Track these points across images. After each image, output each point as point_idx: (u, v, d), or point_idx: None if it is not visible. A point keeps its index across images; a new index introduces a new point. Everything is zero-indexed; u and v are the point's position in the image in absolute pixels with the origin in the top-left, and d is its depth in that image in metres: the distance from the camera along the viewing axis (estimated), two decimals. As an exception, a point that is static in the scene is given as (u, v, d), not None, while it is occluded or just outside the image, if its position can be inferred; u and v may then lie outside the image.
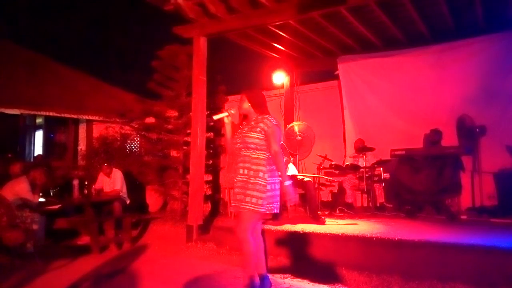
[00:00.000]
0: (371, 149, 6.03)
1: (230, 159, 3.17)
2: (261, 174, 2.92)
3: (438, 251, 3.59)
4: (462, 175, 5.35)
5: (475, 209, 5.51)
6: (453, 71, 6.07)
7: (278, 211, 3.08)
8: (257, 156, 2.98)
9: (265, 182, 2.91)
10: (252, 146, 2.98)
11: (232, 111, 3.16)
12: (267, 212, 2.96)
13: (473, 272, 3.33)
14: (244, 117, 3.17)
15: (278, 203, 3.03)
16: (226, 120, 3.17)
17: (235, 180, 3.05)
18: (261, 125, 2.99)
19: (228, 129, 3.18)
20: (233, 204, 3.09)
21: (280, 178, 3.02)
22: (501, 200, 5.54)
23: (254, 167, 2.96)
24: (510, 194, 5.39)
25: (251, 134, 3.00)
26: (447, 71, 6.11)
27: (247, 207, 2.91)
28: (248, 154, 3.00)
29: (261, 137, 2.97)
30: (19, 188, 5.10)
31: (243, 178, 2.98)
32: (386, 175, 5.96)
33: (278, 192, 3.01)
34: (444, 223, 4.94)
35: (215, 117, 3.22)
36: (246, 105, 3.11)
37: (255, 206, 2.89)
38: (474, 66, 5.89)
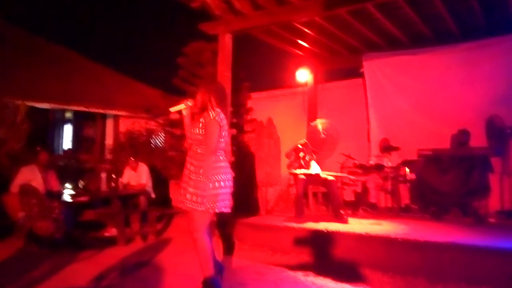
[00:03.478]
0: (396, 148, 5.93)
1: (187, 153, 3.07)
2: (202, 171, 2.84)
3: (465, 254, 3.52)
4: (491, 177, 5.19)
5: (504, 212, 5.34)
6: (483, 70, 5.90)
7: (227, 210, 2.94)
8: (201, 152, 2.90)
9: (206, 180, 2.81)
10: (196, 141, 2.93)
11: (189, 103, 3.07)
12: (210, 211, 2.85)
13: (501, 276, 3.25)
14: (202, 109, 3.02)
15: (227, 201, 2.92)
16: (183, 112, 3.09)
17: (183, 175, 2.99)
18: (202, 119, 2.94)
19: (187, 122, 3.09)
20: (180, 200, 2.99)
21: (231, 176, 2.95)
22: (531, 203, 5.36)
23: (196, 163, 2.89)
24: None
25: (196, 129, 2.95)
26: (477, 69, 5.94)
27: (188, 205, 2.85)
28: (194, 149, 2.95)
29: (202, 132, 2.91)
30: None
31: (187, 174, 2.93)
32: (411, 176, 5.85)
33: (225, 190, 2.90)
34: (471, 226, 4.81)
35: (172, 109, 3.15)
36: (202, 97, 2.99)
37: (196, 205, 2.82)
38: (505, 64, 5.71)
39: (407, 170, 5.86)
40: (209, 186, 2.84)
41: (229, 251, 4.73)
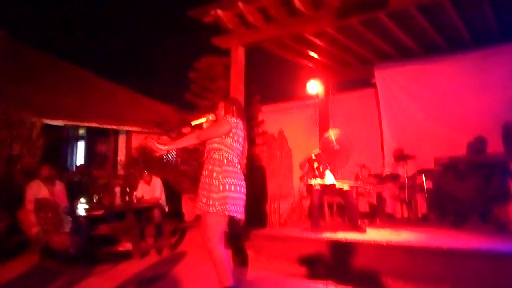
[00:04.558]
0: (411, 157, 5.86)
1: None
2: (214, 175, 2.90)
3: (490, 261, 3.42)
4: (510, 183, 5.10)
5: (526, 219, 5.21)
6: (497, 76, 5.85)
7: (240, 216, 2.94)
8: (214, 157, 2.96)
9: (218, 183, 2.87)
10: (214, 147, 2.98)
11: (211, 117, 3.17)
12: (221, 214, 2.85)
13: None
14: None
15: (239, 207, 2.93)
16: (204, 126, 3.17)
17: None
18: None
19: None
20: (198, 206, 3.02)
21: (244, 182, 3.00)
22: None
23: (210, 167, 2.95)
24: None
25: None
26: (491, 76, 5.90)
27: (202, 208, 2.91)
28: (209, 155, 3.00)
29: (217, 138, 2.98)
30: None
31: (202, 180, 2.99)
32: (428, 184, 5.76)
33: (237, 195, 2.92)
34: (493, 233, 4.69)
35: (193, 123, 3.21)
36: (222, 112, 3.13)
37: (207, 207, 2.87)
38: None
39: (424, 178, 5.79)
40: (220, 188, 2.88)
41: (243, 263, 4.67)
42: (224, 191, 2.88)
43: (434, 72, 6.37)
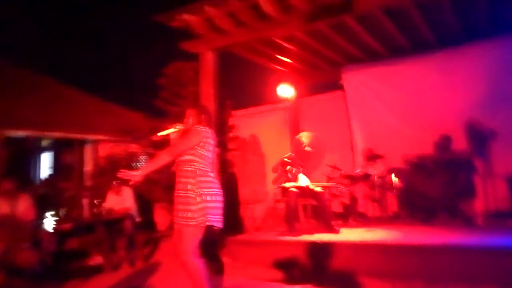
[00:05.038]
0: (381, 157, 5.99)
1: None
2: (189, 187, 2.82)
3: (462, 255, 3.53)
4: (475, 179, 5.30)
5: (490, 212, 5.43)
6: (461, 76, 6.07)
7: (219, 225, 2.90)
8: (186, 169, 2.88)
9: (193, 194, 2.80)
10: (185, 159, 2.90)
11: (178, 127, 3.09)
12: (201, 225, 2.80)
13: (501, 274, 3.26)
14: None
15: (218, 216, 2.89)
16: (171, 136, 3.10)
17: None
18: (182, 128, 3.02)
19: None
20: (174, 221, 2.93)
21: (220, 191, 2.95)
22: (515, 203, 5.47)
23: (183, 179, 2.87)
24: (525, 196, 5.33)
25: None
26: (455, 76, 6.12)
27: (180, 222, 2.83)
28: (181, 168, 2.92)
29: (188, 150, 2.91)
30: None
31: (176, 194, 2.91)
32: (398, 183, 5.90)
33: (215, 204, 2.87)
34: (461, 228, 4.86)
35: (160, 134, 3.13)
36: (191, 121, 3.05)
37: (187, 221, 2.79)
38: (482, 69, 5.89)
39: (394, 177, 5.92)
40: (197, 199, 2.80)
41: (220, 270, 4.59)
42: (202, 202, 2.81)
43: (400, 73, 6.56)
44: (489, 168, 5.72)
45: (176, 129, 3.10)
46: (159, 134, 3.16)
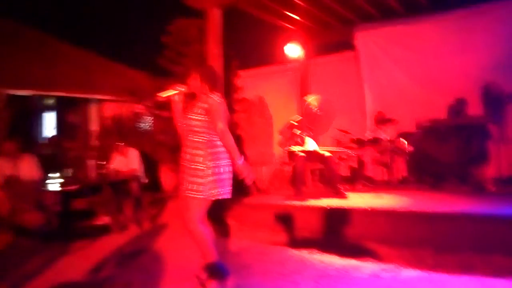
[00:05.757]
0: (392, 121, 5.82)
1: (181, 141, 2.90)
2: (200, 159, 2.71)
3: (472, 223, 3.46)
4: (489, 144, 5.15)
5: (502, 179, 5.32)
6: (479, 37, 5.79)
7: (228, 196, 2.80)
8: (196, 140, 2.75)
9: (203, 167, 2.69)
10: (194, 129, 2.76)
11: (182, 88, 2.91)
12: (212, 198, 2.73)
13: (510, 242, 3.19)
14: (193, 96, 2.89)
15: (227, 188, 2.78)
16: (176, 98, 2.92)
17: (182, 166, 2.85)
18: (202, 104, 2.77)
19: (178, 108, 2.93)
20: (181, 190, 2.85)
21: (230, 161, 2.80)
22: (529, 169, 5.35)
23: (193, 151, 2.75)
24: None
25: (192, 116, 2.79)
26: (472, 37, 5.83)
27: (189, 194, 2.73)
28: (190, 138, 2.78)
29: (201, 118, 2.75)
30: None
31: (185, 164, 2.79)
32: (409, 148, 5.76)
33: (225, 176, 2.76)
34: (472, 194, 4.76)
35: (163, 95, 2.95)
36: (196, 83, 2.85)
37: (195, 193, 2.70)
38: (501, 31, 5.61)
39: (405, 142, 5.78)
40: (209, 172, 2.71)
41: (226, 233, 4.60)
42: (213, 175, 2.72)
43: (416, 34, 6.25)
44: (503, 133, 5.54)
45: (178, 91, 2.93)
46: (160, 95, 2.99)
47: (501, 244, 3.22)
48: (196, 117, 2.78)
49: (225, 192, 2.78)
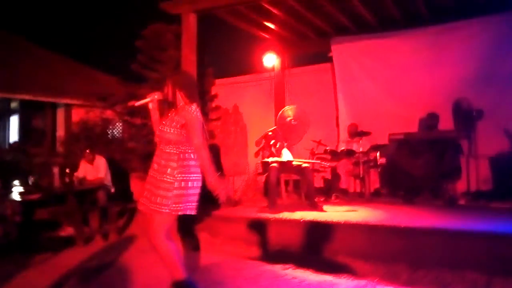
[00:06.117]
0: (366, 134, 5.85)
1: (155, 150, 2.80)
2: (169, 171, 2.58)
3: (446, 238, 3.45)
4: (460, 159, 5.25)
5: (471, 193, 5.42)
6: (451, 53, 5.93)
7: (193, 212, 2.66)
8: (169, 151, 2.63)
9: (172, 180, 2.56)
10: (168, 140, 2.65)
11: (156, 96, 2.80)
12: (173, 213, 2.58)
13: (485, 259, 3.20)
14: (170, 104, 2.75)
15: (193, 203, 2.65)
16: (150, 106, 2.81)
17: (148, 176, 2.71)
18: (177, 118, 2.64)
19: (154, 117, 2.81)
20: (142, 202, 2.69)
21: (200, 176, 2.68)
22: (496, 184, 5.47)
23: (163, 162, 2.62)
24: (506, 178, 5.32)
25: (166, 128, 2.66)
26: (445, 53, 5.96)
27: (152, 207, 2.58)
28: (162, 148, 2.66)
29: (176, 132, 2.62)
30: None
31: (152, 174, 2.66)
32: (382, 160, 5.81)
33: (192, 191, 2.62)
34: (443, 209, 4.83)
35: (137, 104, 2.84)
36: (170, 91, 2.73)
37: (159, 207, 2.55)
38: (473, 48, 5.75)
39: (378, 154, 5.82)
40: (174, 185, 2.56)
41: (196, 247, 4.44)
42: (179, 189, 2.57)
43: (390, 48, 6.35)
44: (473, 148, 5.67)
45: (153, 98, 2.80)
46: (137, 103, 2.87)
47: (474, 260, 3.22)
48: (171, 130, 2.64)
49: (190, 207, 2.63)
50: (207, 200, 2.79)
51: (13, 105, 9.11)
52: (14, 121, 9.22)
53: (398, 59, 6.30)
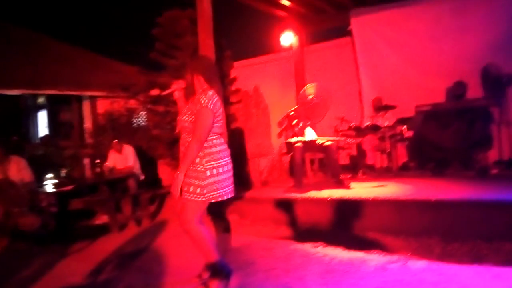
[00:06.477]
0: (391, 107, 5.71)
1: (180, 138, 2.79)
2: (197, 160, 2.57)
3: (479, 209, 3.38)
4: (491, 128, 5.06)
5: (504, 162, 5.25)
6: (477, 17, 5.65)
7: (230, 195, 2.68)
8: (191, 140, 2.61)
9: (203, 169, 2.56)
10: (186, 129, 2.65)
11: (180, 85, 2.79)
12: (213, 201, 2.60)
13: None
14: (193, 92, 2.72)
15: (228, 187, 2.66)
16: (176, 94, 2.81)
17: None
18: (193, 106, 2.63)
19: (180, 105, 2.80)
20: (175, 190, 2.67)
21: (229, 159, 2.70)
22: (531, 151, 5.27)
23: None
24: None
25: (184, 117, 2.66)
26: (470, 17, 5.69)
27: (187, 196, 2.59)
28: (185, 136, 2.66)
29: (192, 120, 2.60)
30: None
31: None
32: (409, 133, 5.67)
33: (224, 176, 2.63)
34: (475, 179, 4.70)
35: (164, 93, 2.87)
36: (190, 77, 2.71)
37: (193, 195, 2.56)
38: (499, 9, 5.47)
39: (404, 128, 5.69)
40: (206, 174, 2.57)
41: (227, 229, 4.51)
42: (211, 176, 2.58)
43: (413, 16, 6.10)
44: (505, 115, 5.45)
45: (178, 87, 2.82)
46: (163, 93, 2.90)
47: (509, 230, 3.14)
48: (187, 118, 2.65)
49: (225, 192, 2.66)
50: (235, 183, 2.81)
51: (40, 100, 9.38)
52: (42, 116, 9.50)
53: (421, 28, 6.06)
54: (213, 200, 2.62)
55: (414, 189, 4.28)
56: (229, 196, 2.70)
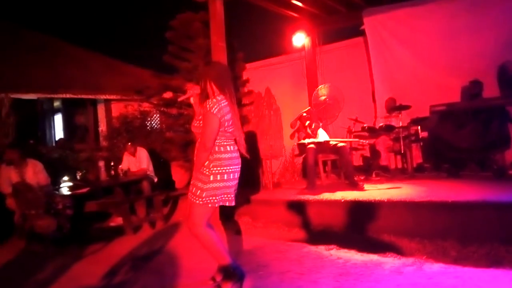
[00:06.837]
0: (406, 107, 5.63)
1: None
2: (206, 163, 2.61)
3: (497, 211, 3.30)
4: (509, 127, 4.95)
5: (522, 163, 5.13)
6: (492, 14, 5.53)
7: (230, 204, 2.67)
8: None
9: (208, 173, 2.59)
10: (199, 134, 2.69)
11: (195, 90, 2.84)
12: (209, 205, 2.60)
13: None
14: (206, 97, 2.72)
15: (230, 195, 2.65)
16: (191, 100, 2.87)
17: None
18: (203, 111, 2.65)
19: (196, 111, 2.85)
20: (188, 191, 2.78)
21: (238, 167, 2.70)
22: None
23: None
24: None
25: (196, 122, 2.71)
26: (485, 14, 5.57)
27: (191, 198, 2.65)
28: (199, 140, 2.70)
29: (200, 125, 2.66)
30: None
31: (194, 167, 2.72)
32: (423, 134, 5.59)
33: (229, 183, 2.63)
34: (492, 180, 4.61)
35: (180, 99, 2.99)
36: (203, 83, 2.72)
37: (196, 198, 2.60)
38: (516, 7, 5.34)
39: (419, 128, 5.60)
40: (210, 178, 2.60)
41: (239, 231, 4.51)
42: (215, 182, 2.61)
43: (427, 15, 6.00)
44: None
45: (193, 93, 2.87)
46: (179, 99, 3.01)
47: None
48: (198, 123, 2.70)
49: (226, 199, 2.67)
50: (246, 183, 2.82)
51: (56, 104, 9.54)
52: (58, 120, 9.66)
53: (435, 26, 5.96)
54: (209, 205, 2.63)
55: (429, 190, 4.20)
56: (229, 204, 2.69)
